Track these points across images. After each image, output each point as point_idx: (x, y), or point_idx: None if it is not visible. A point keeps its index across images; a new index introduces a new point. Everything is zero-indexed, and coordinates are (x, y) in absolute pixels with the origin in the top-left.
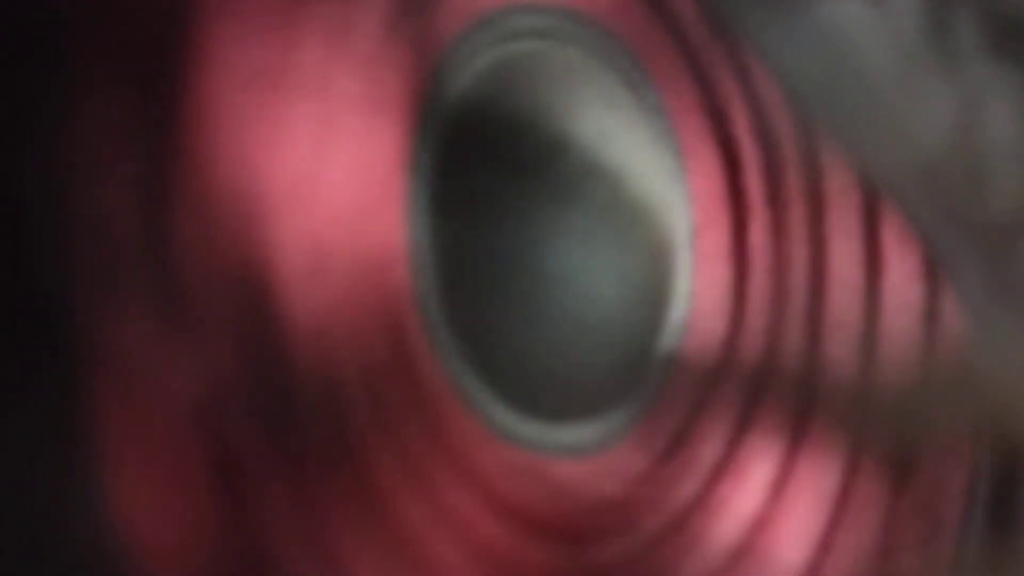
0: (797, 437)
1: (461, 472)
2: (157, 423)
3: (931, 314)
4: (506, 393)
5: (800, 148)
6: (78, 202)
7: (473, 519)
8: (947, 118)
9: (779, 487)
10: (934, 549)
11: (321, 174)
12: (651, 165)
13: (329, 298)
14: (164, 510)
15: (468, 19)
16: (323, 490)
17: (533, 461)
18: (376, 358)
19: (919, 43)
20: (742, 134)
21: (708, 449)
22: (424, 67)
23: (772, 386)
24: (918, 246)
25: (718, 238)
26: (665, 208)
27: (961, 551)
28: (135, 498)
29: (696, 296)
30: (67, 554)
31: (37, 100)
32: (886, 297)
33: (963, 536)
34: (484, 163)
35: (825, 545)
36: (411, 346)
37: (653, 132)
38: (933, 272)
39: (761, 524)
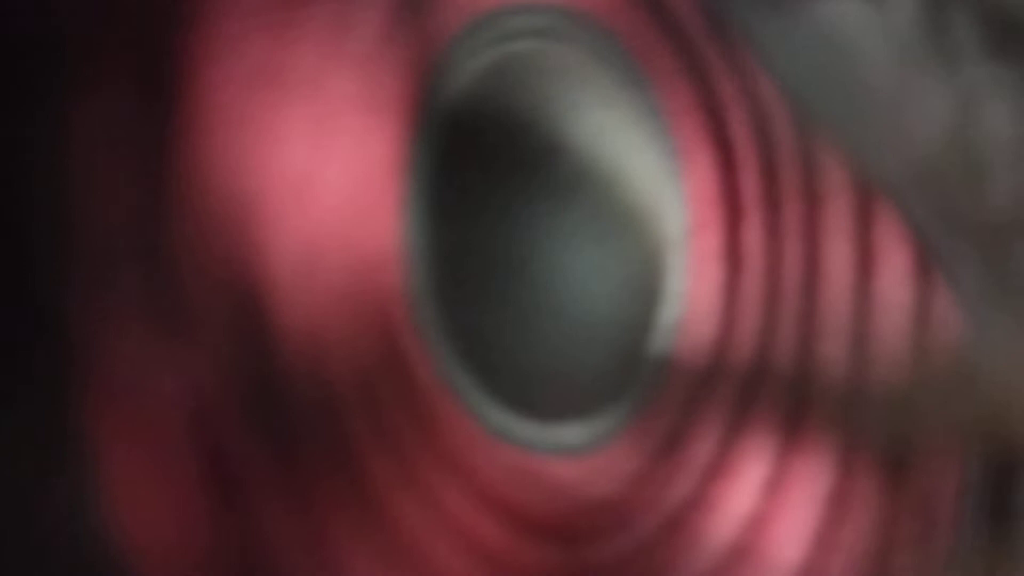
0: (791, 436)
1: (456, 472)
2: (151, 424)
3: (924, 314)
4: (500, 393)
5: (796, 148)
6: (74, 202)
7: (468, 519)
8: (944, 117)
9: (774, 486)
10: (929, 548)
11: (317, 174)
12: (647, 165)
13: (324, 299)
14: (158, 512)
15: (466, 19)
16: (318, 492)
17: (528, 461)
18: (370, 359)
19: (917, 42)
20: (739, 135)
21: (702, 449)
22: (421, 67)
23: (766, 386)
24: (911, 245)
25: (712, 238)
26: (660, 208)
27: (956, 550)
28: (129, 499)
29: (690, 296)
30: (61, 555)
31: (35, 100)
32: (879, 297)
33: (958, 535)
34: (480, 163)
35: (820, 544)
36: (405, 347)
37: (650, 132)
38: (926, 272)
39: (756, 523)
